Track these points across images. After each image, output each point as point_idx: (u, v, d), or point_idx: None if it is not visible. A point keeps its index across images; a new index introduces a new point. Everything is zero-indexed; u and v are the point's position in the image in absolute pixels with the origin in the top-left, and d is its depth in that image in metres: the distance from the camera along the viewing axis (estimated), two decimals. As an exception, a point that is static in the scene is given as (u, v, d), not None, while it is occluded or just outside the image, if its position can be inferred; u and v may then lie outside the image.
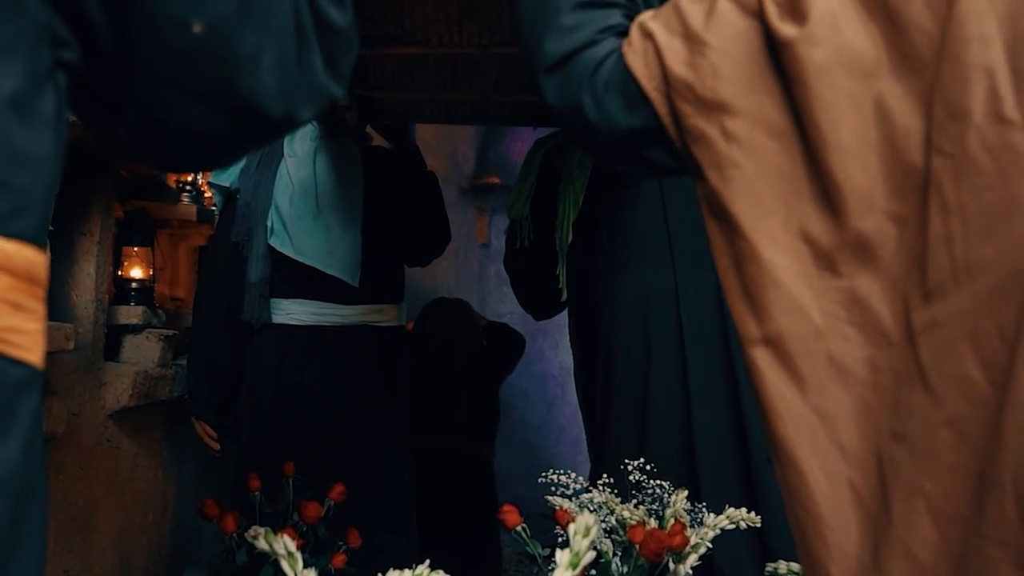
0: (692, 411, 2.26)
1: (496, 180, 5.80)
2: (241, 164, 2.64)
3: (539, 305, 2.87)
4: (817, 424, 0.84)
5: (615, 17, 1.05)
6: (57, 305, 2.21)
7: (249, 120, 0.86)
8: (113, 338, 2.48)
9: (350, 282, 2.61)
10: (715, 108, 0.91)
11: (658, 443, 2.29)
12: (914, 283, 0.80)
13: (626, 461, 2.08)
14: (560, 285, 2.58)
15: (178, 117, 0.83)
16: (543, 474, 2.11)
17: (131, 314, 2.52)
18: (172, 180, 2.84)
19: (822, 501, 0.83)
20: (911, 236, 0.81)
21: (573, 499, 2.05)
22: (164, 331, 2.61)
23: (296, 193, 2.58)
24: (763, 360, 0.88)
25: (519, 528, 1.92)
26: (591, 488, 2.07)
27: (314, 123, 2.58)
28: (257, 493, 2.29)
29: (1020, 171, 0.74)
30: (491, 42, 1.94)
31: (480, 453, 3.65)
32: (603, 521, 1.99)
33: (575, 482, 2.06)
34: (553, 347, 5.89)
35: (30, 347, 0.71)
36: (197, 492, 2.87)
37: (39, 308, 0.73)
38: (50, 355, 1.98)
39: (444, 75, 2.24)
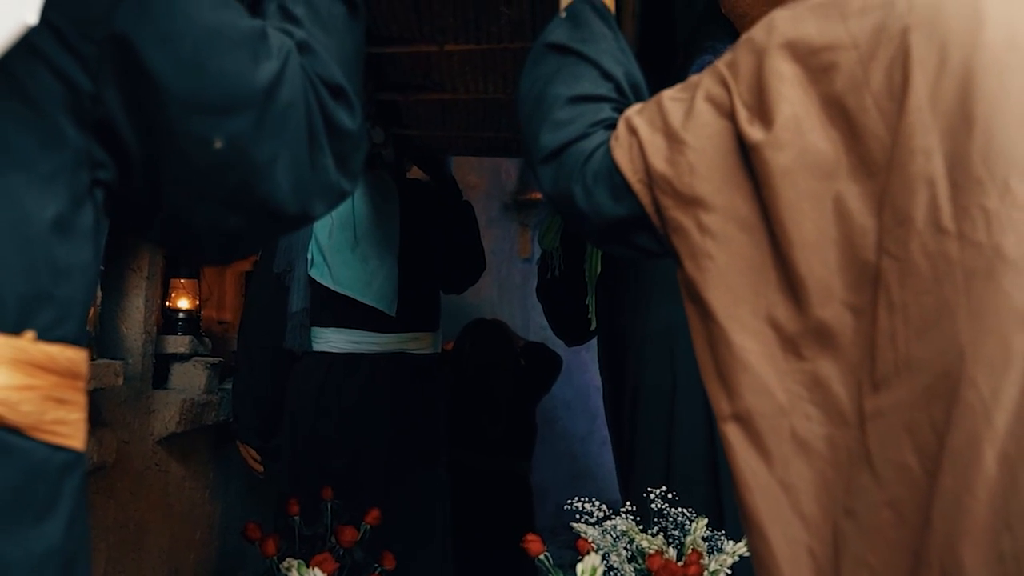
0: (716, 441, 2.32)
1: (539, 195, 5.88)
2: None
3: (570, 333, 2.96)
4: (781, 495, 0.92)
5: (605, 111, 1.14)
6: (108, 338, 2.34)
7: (267, 218, 0.96)
8: (161, 366, 2.61)
9: (387, 311, 2.71)
10: (691, 203, 1.00)
11: (683, 471, 2.36)
12: (866, 371, 0.87)
13: (649, 489, 2.15)
14: (589, 315, 2.67)
15: (204, 219, 0.93)
16: (568, 501, 2.19)
17: (178, 343, 2.64)
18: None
19: (784, 566, 0.91)
20: (866, 326, 0.88)
21: (597, 526, 2.13)
22: (210, 359, 2.73)
23: (335, 226, 2.69)
24: (734, 435, 0.96)
25: (542, 556, 2.01)
26: (615, 515, 2.14)
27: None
28: (296, 517, 2.40)
29: (952, 279, 0.81)
30: (516, 90, 2.03)
31: (516, 470, 3.74)
32: (626, 549, 2.07)
33: (599, 509, 2.14)
34: (596, 359, 5.96)
35: (73, 435, 0.81)
36: (243, 511, 3.00)
37: (80, 399, 0.83)
38: (101, 390, 2.10)
39: (474, 116, 2.34)
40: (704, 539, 2.03)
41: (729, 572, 1.97)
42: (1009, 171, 0.79)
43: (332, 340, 2.72)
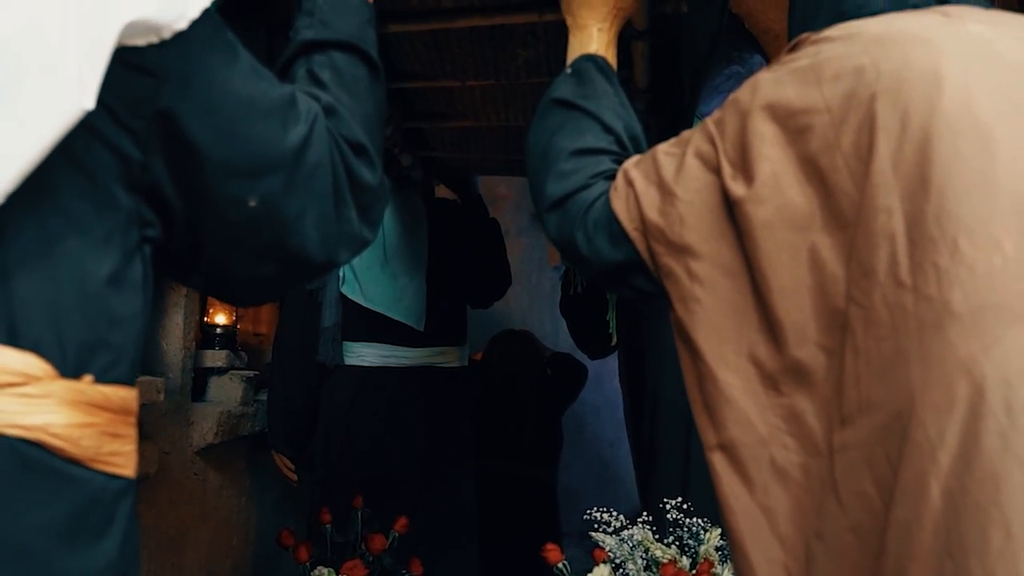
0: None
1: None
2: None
3: (592, 347, 3.06)
4: (761, 518, 1.01)
5: (605, 163, 1.23)
6: (150, 353, 2.46)
7: (297, 267, 1.06)
8: (200, 379, 2.73)
9: (415, 327, 2.82)
10: (681, 251, 1.09)
11: (700, 482, 2.44)
12: (835, 407, 0.96)
13: (665, 500, 2.23)
14: (610, 330, 2.76)
15: (239, 269, 1.04)
16: (587, 511, 2.28)
17: (216, 357, 2.76)
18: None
19: None
20: (836, 366, 0.97)
21: (614, 535, 2.22)
22: (246, 372, 2.85)
23: (365, 244, 2.79)
24: (719, 463, 1.05)
25: (560, 565, 2.11)
26: (632, 525, 2.24)
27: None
28: (328, 525, 2.51)
29: (907, 328, 0.89)
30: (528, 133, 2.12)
31: (543, 477, 3.83)
32: (642, 558, 2.16)
33: (616, 519, 2.23)
34: (622, 369, 6.04)
35: (126, 464, 0.92)
36: (278, 517, 3.12)
37: (132, 432, 0.93)
38: (143, 405, 2.22)
39: (496, 140, 2.43)
40: (717, 548, 2.11)
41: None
42: (958, 231, 0.87)
43: (363, 354, 2.83)
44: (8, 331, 0.82)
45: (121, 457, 0.91)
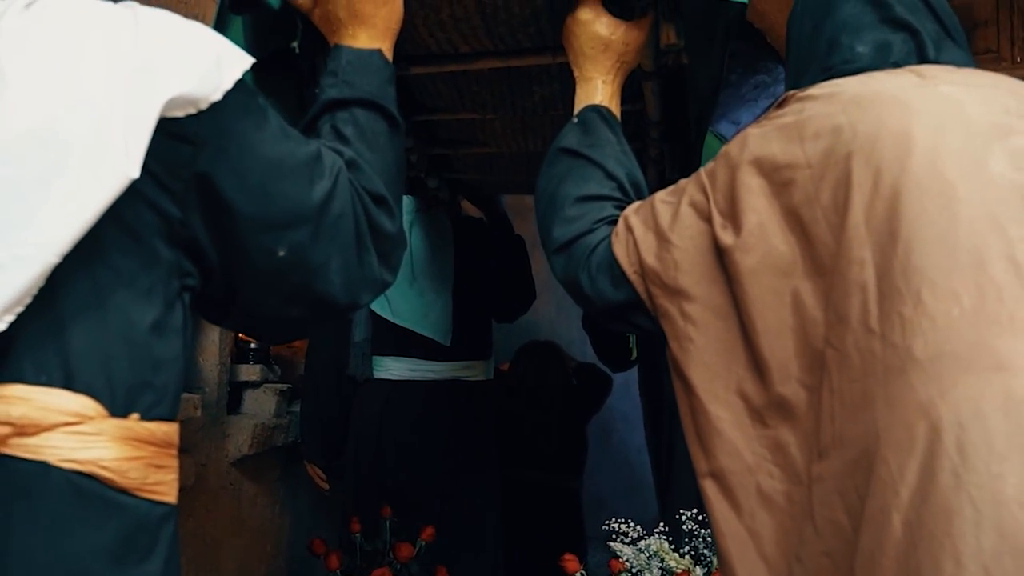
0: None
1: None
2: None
3: (614, 360, 3.15)
4: (748, 541, 1.09)
5: (607, 209, 1.32)
6: (187, 370, 2.57)
7: (322, 309, 1.16)
8: (235, 393, 2.84)
9: (442, 342, 2.92)
10: (676, 293, 1.18)
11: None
12: (815, 441, 1.04)
13: (682, 511, 2.31)
14: (631, 345, 2.84)
15: (270, 311, 1.14)
16: (606, 522, 2.36)
17: (250, 372, 2.88)
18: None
19: None
20: (816, 402, 1.05)
21: (632, 545, 2.31)
22: (279, 385, 2.97)
23: (394, 263, 2.90)
24: (710, 489, 1.14)
25: (577, 574, 2.19)
26: (648, 535, 2.32)
27: (410, 198, 2.90)
28: (357, 534, 2.61)
29: (874, 372, 0.97)
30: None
31: (568, 485, 3.92)
32: (658, 567, 2.25)
33: (633, 530, 2.31)
34: (652, 374, 6.10)
35: (169, 492, 1.02)
36: (311, 525, 3.23)
37: (174, 463, 1.03)
38: (180, 421, 2.33)
39: (517, 164, 2.51)
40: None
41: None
42: (922, 284, 0.95)
43: (392, 368, 2.93)
44: (64, 376, 0.92)
45: (164, 486, 1.01)
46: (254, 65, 1.31)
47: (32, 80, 0.90)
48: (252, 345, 2.94)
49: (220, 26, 1.43)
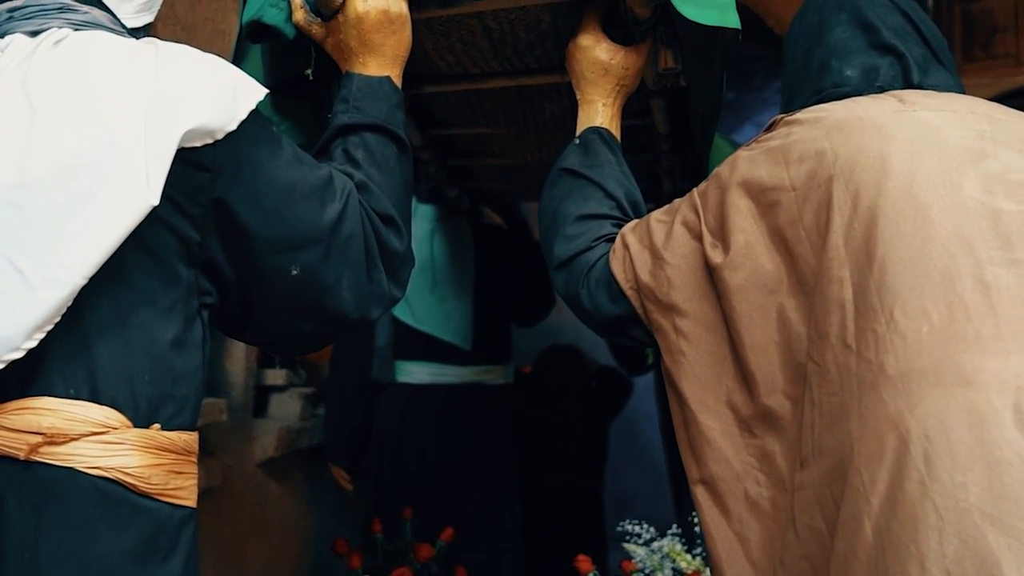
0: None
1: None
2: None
3: (630, 365, 3.20)
4: (737, 545, 1.15)
5: (606, 228, 1.38)
6: (215, 375, 2.66)
7: (334, 324, 1.23)
8: (261, 396, 2.92)
9: (463, 346, 2.98)
10: (669, 309, 1.24)
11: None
12: (798, 450, 1.10)
13: (694, 513, 2.36)
14: (646, 351, 2.90)
15: (285, 327, 1.21)
16: (620, 524, 2.42)
17: (276, 376, 2.96)
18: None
19: None
20: (799, 413, 1.11)
21: (645, 546, 2.36)
22: (304, 389, 3.04)
23: (416, 269, 2.96)
24: (701, 495, 1.19)
25: (591, 575, 2.25)
26: (661, 536, 2.37)
27: (431, 206, 2.97)
28: (379, 534, 2.68)
29: (850, 386, 1.02)
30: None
31: (589, 487, 3.97)
32: (671, 568, 2.30)
33: (647, 531, 2.37)
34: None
35: (188, 496, 1.09)
36: (336, 524, 3.30)
37: (193, 469, 1.10)
38: (207, 425, 2.42)
39: (535, 173, 2.57)
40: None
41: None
42: (894, 303, 1.01)
43: (413, 372, 3.00)
44: (91, 389, 1.00)
45: (184, 491, 1.08)
46: (273, 89, 1.39)
47: (61, 115, 0.98)
48: (277, 350, 3.01)
49: (239, 53, 1.51)
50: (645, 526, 2.38)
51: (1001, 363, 0.95)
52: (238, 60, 1.51)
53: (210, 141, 1.04)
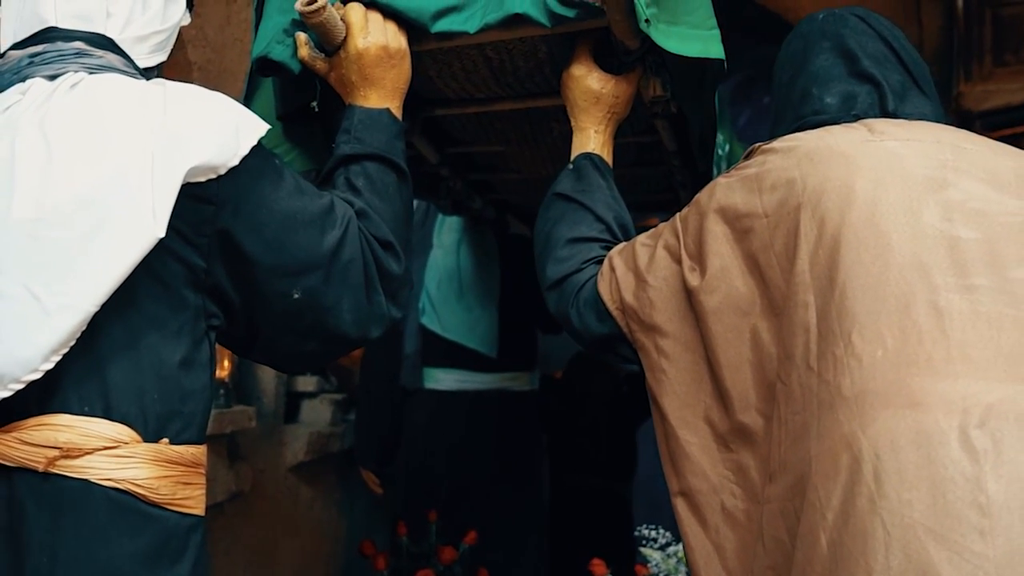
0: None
1: (655, 221, 6.10)
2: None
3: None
4: (713, 553, 1.21)
5: (595, 250, 1.45)
6: (246, 382, 2.76)
7: (335, 343, 1.31)
8: (292, 403, 3.02)
9: (489, 354, 3.06)
10: (651, 329, 1.30)
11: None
12: (768, 466, 1.16)
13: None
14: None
15: (288, 346, 1.29)
16: (636, 528, 2.48)
17: (307, 383, 3.06)
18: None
19: None
20: (771, 430, 1.16)
21: (661, 551, 2.42)
22: (335, 395, 3.14)
23: (443, 279, 3.06)
24: (681, 507, 1.25)
25: (606, 577, 2.32)
26: (678, 541, 2.43)
27: (458, 218, 3.05)
28: (404, 537, 2.77)
29: (811, 406, 1.07)
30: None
31: (617, 490, 4.02)
32: (686, 573, 2.36)
33: (662, 536, 2.43)
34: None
35: (196, 505, 1.17)
36: (367, 527, 3.39)
37: (201, 480, 1.19)
38: (237, 432, 2.52)
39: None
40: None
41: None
42: (852, 327, 1.06)
43: (441, 379, 3.08)
44: (104, 407, 1.08)
45: (192, 500, 1.16)
46: (284, 118, 1.47)
47: (75, 154, 1.06)
48: (309, 357, 3.11)
49: (253, 83, 1.60)
50: (661, 531, 2.43)
51: (950, 386, 1.00)
52: (252, 90, 1.60)
53: (213, 176, 1.12)
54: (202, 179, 1.11)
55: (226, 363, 2.46)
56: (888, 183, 1.14)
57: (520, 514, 3.09)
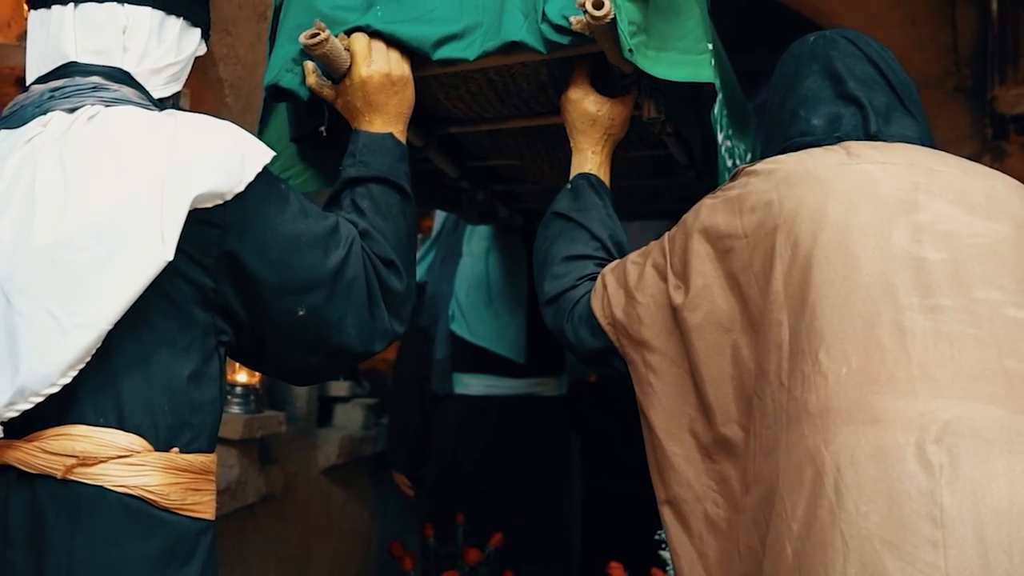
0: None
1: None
2: (428, 260, 3.23)
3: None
4: (697, 560, 1.26)
5: (589, 268, 1.51)
6: (279, 387, 2.84)
7: (340, 358, 1.38)
8: (325, 407, 3.11)
9: (517, 360, 3.11)
10: (639, 344, 1.35)
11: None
12: (746, 477, 1.20)
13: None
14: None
15: (295, 361, 1.37)
16: (658, 532, 2.52)
17: (339, 387, 3.14)
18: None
19: None
20: (749, 442, 1.21)
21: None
22: (367, 400, 3.22)
23: (472, 286, 3.12)
24: (667, 515, 1.31)
25: (624, 582, 2.37)
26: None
27: (487, 226, 3.11)
28: (431, 539, 2.84)
29: (781, 421, 1.12)
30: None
31: (649, 494, 4.06)
32: None
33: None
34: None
35: (206, 510, 1.25)
36: (399, 529, 3.47)
37: (211, 486, 1.26)
38: (268, 436, 2.60)
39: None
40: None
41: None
42: (820, 345, 1.11)
43: (470, 384, 3.15)
44: (118, 419, 1.16)
45: (201, 505, 1.24)
46: (298, 140, 1.55)
47: (90, 183, 1.14)
48: (342, 362, 3.19)
49: (268, 108, 1.68)
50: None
51: (909, 403, 1.05)
52: (267, 114, 1.68)
53: (220, 202, 1.20)
54: (209, 205, 1.19)
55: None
56: (860, 206, 1.18)
57: (550, 519, 3.14)
